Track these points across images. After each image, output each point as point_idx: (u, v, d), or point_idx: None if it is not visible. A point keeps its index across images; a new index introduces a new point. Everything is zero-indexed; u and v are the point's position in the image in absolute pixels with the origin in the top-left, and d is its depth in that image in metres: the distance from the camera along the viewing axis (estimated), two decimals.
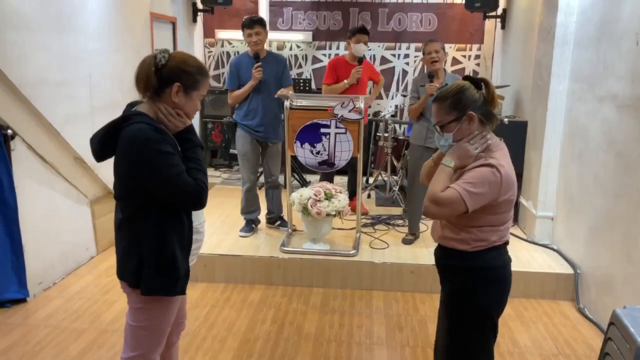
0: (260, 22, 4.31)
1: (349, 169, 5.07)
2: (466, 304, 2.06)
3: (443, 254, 2.11)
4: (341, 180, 5.76)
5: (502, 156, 1.98)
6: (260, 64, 4.26)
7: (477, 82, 2.02)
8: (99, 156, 2.01)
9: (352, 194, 4.93)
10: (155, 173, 1.87)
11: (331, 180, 4.96)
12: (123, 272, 2.03)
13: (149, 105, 1.98)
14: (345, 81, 4.78)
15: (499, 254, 2.05)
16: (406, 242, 4.45)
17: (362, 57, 4.82)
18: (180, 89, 1.94)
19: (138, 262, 1.96)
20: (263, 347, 3.24)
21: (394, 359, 3.16)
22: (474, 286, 2.04)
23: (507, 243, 2.09)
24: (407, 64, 7.10)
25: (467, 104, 1.97)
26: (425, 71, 4.26)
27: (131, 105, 2.03)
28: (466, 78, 2.06)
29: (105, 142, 1.96)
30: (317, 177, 6.32)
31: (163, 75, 1.93)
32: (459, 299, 2.08)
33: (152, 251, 1.95)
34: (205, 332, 3.38)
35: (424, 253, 4.21)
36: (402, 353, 3.21)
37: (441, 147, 2.07)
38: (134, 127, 1.88)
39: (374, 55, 7.07)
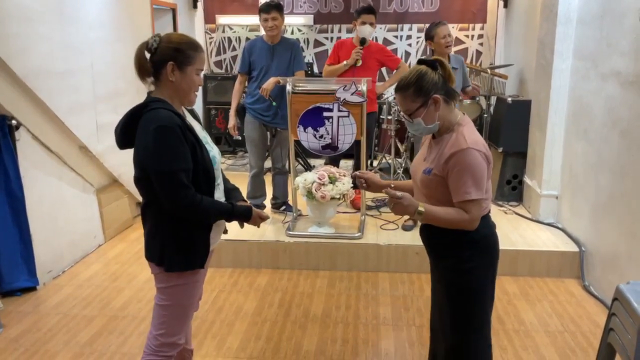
0: (278, 7, 4.25)
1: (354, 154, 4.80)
2: (466, 276, 2.09)
3: (435, 232, 2.11)
4: (345, 164, 5.76)
5: (471, 131, 2.04)
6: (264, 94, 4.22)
7: (432, 63, 2.05)
8: (122, 143, 2.04)
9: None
10: (156, 162, 1.90)
11: (337, 165, 4.91)
12: (148, 254, 2.09)
13: (159, 90, 2.02)
14: (345, 62, 4.57)
15: (487, 221, 2.11)
16: (407, 228, 4.34)
17: (365, 39, 4.51)
18: (175, 67, 1.97)
19: (161, 244, 2.03)
20: (271, 329, 3.28)
21: (400, 338, 3.20)
22: (470, 258, 2.07)
23: (489, 211, 2.15)
24: (410, 45, 7.04)
25: (429, 88, 2.00)
26: (427, 53, 4.22)
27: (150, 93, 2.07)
28: (420, 62, 2.08)
29: (126, 130, 1.99)
30: (322, 161, 6.33)
31: (156, 58, 1.97)
32: (458, 273, 2.10)
33: (171, 232, 2.01)
34: (214, 316, 3.43)
35: None
36: (408, 332, 3.25)
37: (415, 132, 2.13)
38: (154, 113, 1.92)
39: (376, 37, 7.02)
